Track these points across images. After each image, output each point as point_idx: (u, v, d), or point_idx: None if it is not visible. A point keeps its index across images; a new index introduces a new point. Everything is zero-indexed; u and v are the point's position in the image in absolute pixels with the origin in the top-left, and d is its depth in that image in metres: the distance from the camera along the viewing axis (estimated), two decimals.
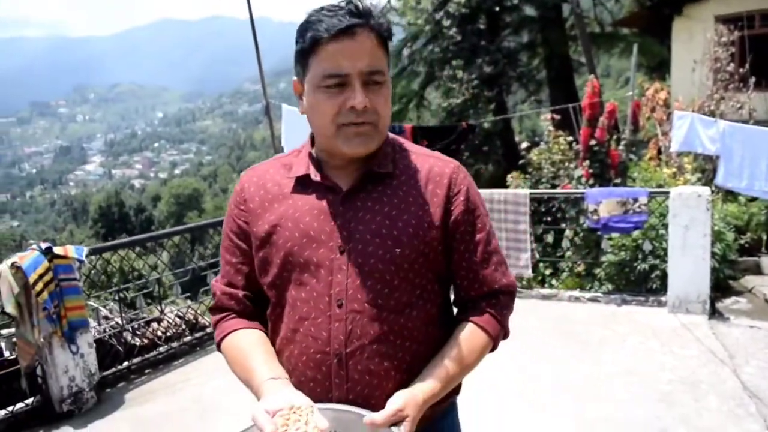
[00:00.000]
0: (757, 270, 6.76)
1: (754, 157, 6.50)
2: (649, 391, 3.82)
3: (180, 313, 5.33)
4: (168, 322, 5.22)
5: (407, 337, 1.32)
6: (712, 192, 5.14)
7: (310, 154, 1.40)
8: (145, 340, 4.92)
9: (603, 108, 7.49)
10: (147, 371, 4.66)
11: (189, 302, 5.65)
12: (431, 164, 1.39)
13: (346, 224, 1.32)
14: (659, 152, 9.05)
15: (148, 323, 5.12)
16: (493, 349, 1.42)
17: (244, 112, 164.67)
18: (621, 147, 7.38)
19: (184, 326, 5.24)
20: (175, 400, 4.15)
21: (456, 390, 1.43)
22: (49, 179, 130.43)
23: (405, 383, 1.30)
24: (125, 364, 4.59)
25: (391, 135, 1.42)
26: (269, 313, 1.42)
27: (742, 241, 6.84)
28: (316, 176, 1.36)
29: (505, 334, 1.44)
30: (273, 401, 1.19)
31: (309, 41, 1.26)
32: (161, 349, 4.89)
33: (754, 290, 6.10)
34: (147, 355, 4.76)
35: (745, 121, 7.91)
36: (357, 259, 1.30)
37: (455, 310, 1.47)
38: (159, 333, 5.04)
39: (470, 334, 1.37)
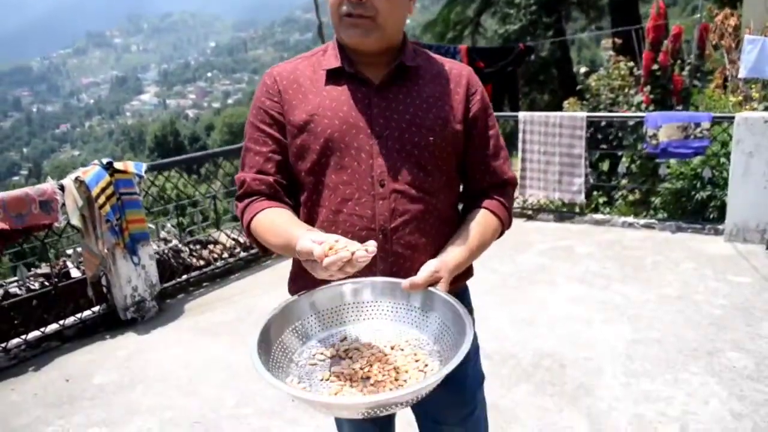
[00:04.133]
0: None
1: None
2: (701, 315, 3.78)
3: (235, 236, 5.48)
4: (223, 244, 5.38)
5: (438, 217, 1.47)
6: None
7: (340, 49, 1.47)
8: (202, 261, 5.10)
9: (668, 31, 7.13)
10: (205, 284, 4.86)
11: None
12: (449, 66, 1.53)
13: (382, 113, 1.43)
14: (725, 81, 8.62)
15: (205, 245, 5.30)
16: (500, 235, 1.58)
17: (296, 41, 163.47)
18: (685, 73, 7.05)
19: (238, 248, 5.40)
20: (231, 310, 4.33)
21: (467, 274, 1.59)
22: (106, 109, 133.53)
23: (435, 257, 1.43)
24: (184, 277, 4.79)
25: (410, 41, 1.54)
26: (304, 200, 1.48)
27: None
28: (350, 68, 1.44)
29: (510, 219, 1.59)
30: (318, 234, 1.22)
31: None
32: (218, 263, 5.07)
33: None
34: (205, 269, 4.95)
35: None
36: (395, 144, 1.42)
37: (466, 200, 1.62)
38: (215, 255, 5.22)
39: (484, 218, 1.51)
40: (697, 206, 5.72)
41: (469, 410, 1.66)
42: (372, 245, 1.17)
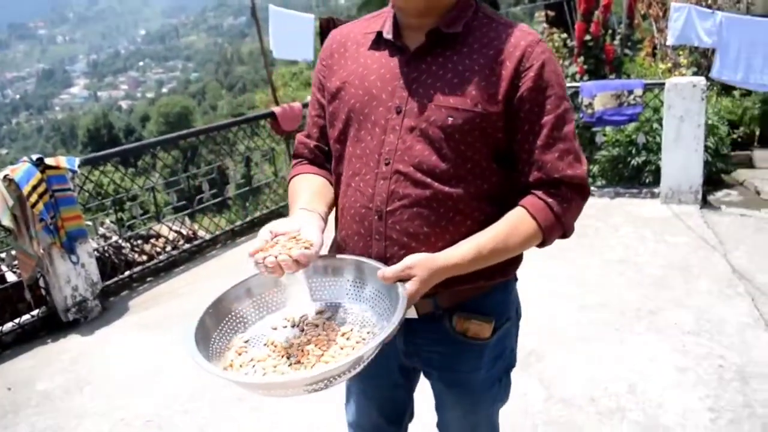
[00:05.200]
0: (749, 163, 6.79)
1: (750, 50, 6.34)
2: (642, 276, 3.91)
3: (177, 229, 5.36)
4: (166, 237, 5.25)
5: (452, 208, 1.30)
6: (707, 86, 5.08)
7: (394, 13, 1.36)
8: (144, 257, 4.97)
9: (599, 2, 7.27)
10: (149, 279, 4.74)
11: (187, 219, 5.66)
12: (509, 34, 1.29)
13: (407, 86, 1.30)
14: (654, 49, 8.88)
15: (146, 239, 5.16)
16: (544, 243, 1.34)
17: (230, 26, 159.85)
18: (616, 42, 7.22)
19: (182, 241, 5.28)
20: (180, 303, 4.23)
21: (503, 272, 1.38)
22: (34, 104, 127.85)
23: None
24: (126, 273, 4.65)
25: (483, 4, 1.37)
26: (333, 167, 1.45)
27: (735, 136, 6.83)
28: (387, 34, 1.34)
29: (564, 230, 1.34)
30: (281, 223, 1.27)
31: None
32: (161, 257, 4.95)
33: (746, 183, 6.16)
34: (148, 264, 4.82)
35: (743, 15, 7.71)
36: (411, 122, 1.29)
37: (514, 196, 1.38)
38: (158, 249, 5.09)
39: (517, 218, 1.30)
40: (633, 172, 5.90)
41: (471, 417, 1.55)
42: (296, 252, 1.18)
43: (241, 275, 1.36)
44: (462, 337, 1.39)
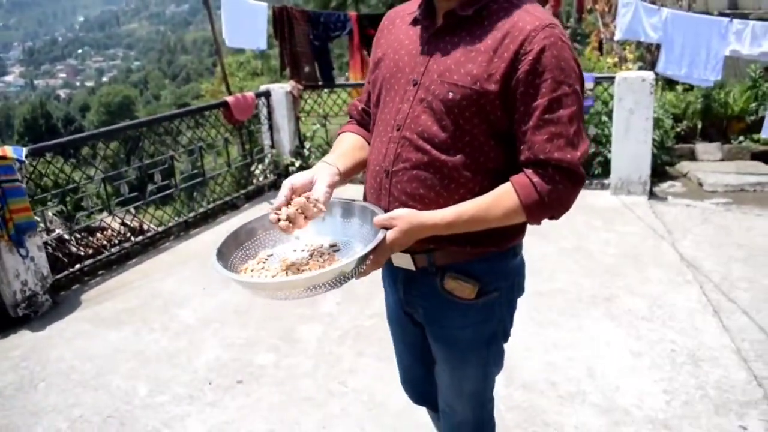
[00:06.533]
0: (692, 156, 7.03)
1: (694, 45, 6.59)
2: (596, 264, 4.04)
3: (125, 221, 5.21)
4: (112, 230, 5.10)
5: (447, 175, 1.42)
6: (654, 80, 5.25)
7: None
8: (90, 250, 4.81)
9: None
10: (101, 272, 4.60)
11: (132, 210, 5.50)
12: (519, 18, 1.36)
13: (425, 61, 1.45)
14: (601, 43, 9.11)
15: (91, 232, 4.99)
16: (531, 222, 1.42)
17: (172, 13, 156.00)
18: None
19: (129, 234, 5.14)
20: (134, 296, 4.14)
21: (495, 242, 1.48)
22: None
23: None
24: (77, 266, 4.51)
25: None
26: (371, 129, 1.63)
27: (678, 129, 7.07)
28: (420, 14, 1.49)
29: (551, 211, 1.39)
30: (299, 176, 1.45)
31: None
32: (114, 250, 4.81)
33: (689, 174, 6.38)
34: (99, 257, 4.68)
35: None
36: (421, 93, 1.44)
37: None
38: (104, 242, 4.94)
39: (502, 192, 1.38)
40: (584, 163, 6.03)
41: (456, 370, 1.66)
42: (320, 200, 1.40)
43: (198, 267, 1.41)
44: (449, 295, 1.52)
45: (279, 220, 1.38)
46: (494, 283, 1.53)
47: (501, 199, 1.37)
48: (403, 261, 1.52)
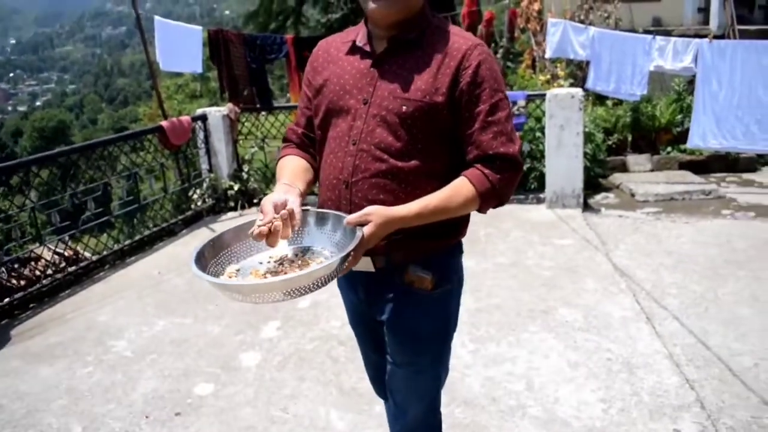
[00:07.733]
0: (623, 168, 7.28)
1: (620, 62, 6.87)
2: (533, 278, 4.12)
3: (58, 250, 5.03)
4: (46, 260, 4.92)
5: (404, 180, 1.60)
6: (584, 96, 5.43)
7: (366, 24, 1.69)
8: (23, 282, 4.62)
9: (481, 17, 7.61)
10: (32, 306, 4.42)
11: (67, 239, 5.31)
12: (455, 41, 1.61)
13: (373, 82, 1.63)
14: (534, 61, 9.38)
15: (23, 263, 4.79)
16: (482, 209, 1.63)
17: (108, 36, 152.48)
18: (499, 55, 7.57)
19: (64, 263, 4.97)
20: (67, 329, 3.99)
21: (447, 234, 1.69)
22: None
23: None
24: (6, 300, 4.32)
25: (438, 17, 1.70)
26: (317, 149, 1.77)
27: (610, 142, 7.31)
28: (360, 42, 1.68)
29: (499, 199, 1.62)
30: (274, 196, 1.56)
31: None
32: (45, 281, 4.64)
33: (621, 186, 6.59)
34: (30, 289, 4.50)
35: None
36: (373, 110, 1.61)
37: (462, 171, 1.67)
38: (38, 272, 4.75)
39: (459, 184, 1.58)
40: (520, 179, 6.17)
41: (414, 359, 1.80)
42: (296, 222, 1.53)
43: (134, 297, 1.37)
44: (409, 287, 1.69)
45: (268, 232, 1.47)
46: (447, 275, 1.74)
47: (459, 190, 1.58)
48: (362, 264, 1.63)
